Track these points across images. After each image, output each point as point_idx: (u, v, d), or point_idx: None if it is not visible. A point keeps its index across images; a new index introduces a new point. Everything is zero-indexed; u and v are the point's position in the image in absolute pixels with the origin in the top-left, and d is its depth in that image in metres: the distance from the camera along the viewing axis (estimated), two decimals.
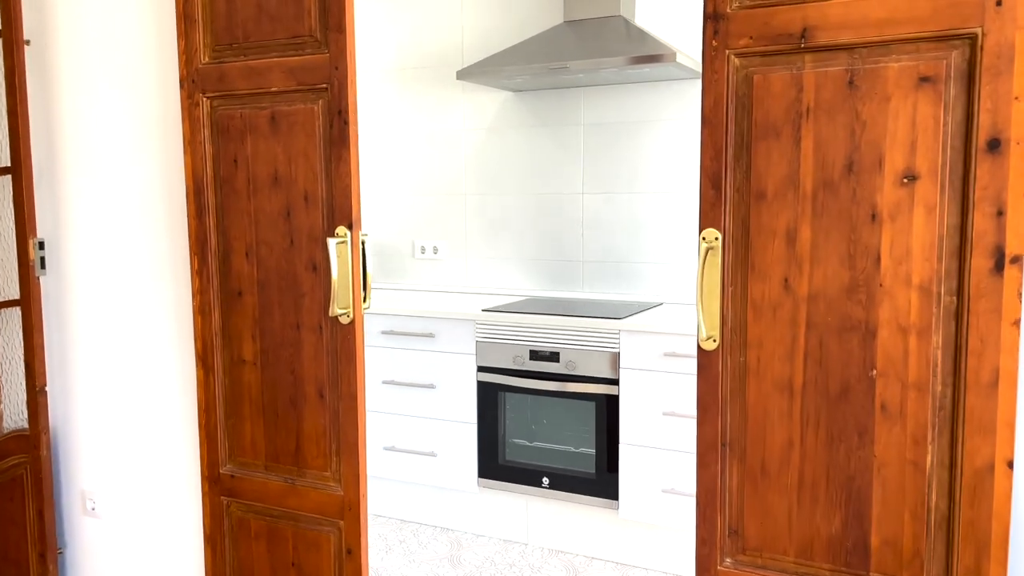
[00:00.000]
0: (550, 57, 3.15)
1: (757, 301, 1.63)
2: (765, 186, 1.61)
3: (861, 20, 1.50)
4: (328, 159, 2.04)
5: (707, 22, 1.63)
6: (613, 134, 3.51)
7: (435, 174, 3.89)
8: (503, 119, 3.72)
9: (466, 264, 3.87)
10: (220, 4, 2.14)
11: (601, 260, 3.57)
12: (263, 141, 2.13)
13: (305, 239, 2.11)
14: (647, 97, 3.43)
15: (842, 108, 1.53)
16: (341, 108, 2.00)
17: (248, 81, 2.12)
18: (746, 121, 1.62)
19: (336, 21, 1.98)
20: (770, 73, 1.58)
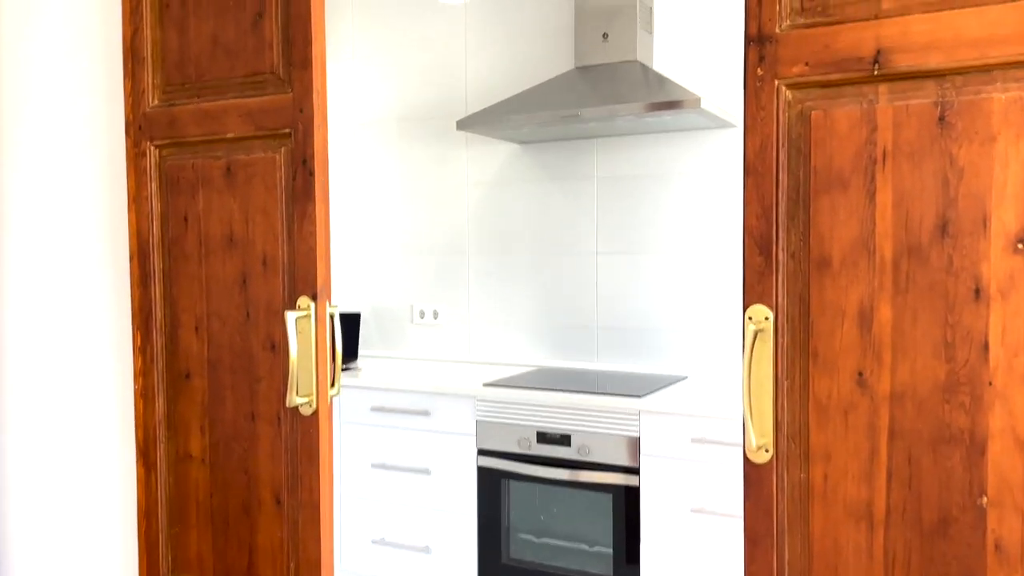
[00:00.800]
0: (560, 105, 2.85)
1: (822, 400, 1.26)
2: (829, 252, 1.25)
3: (953, 39, 1.15)
4: (291, 216, 1.71)
5: (750, 46, 1.29)
6: (630, 188, 3.18)
7: (435, 232, 3.57)
8: (509, 172, 3.41)
9: (468, 330, 3.52)
10: (172, 39, 1.84)
11: (617, 327, 3.21)
12: (217, 196, 1.81)
13: (263, 312, 1.77)
14: (667, 148, 3.11)
15: (930, 152, 1.18)
16: (306, 156, 1.67)
17: (201, 126, 1.81)
18: (803, 169, 1.27)
19: (301, 56, 1.67)
20: (833, 108, 1.24)
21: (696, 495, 2.52)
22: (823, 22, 1.24)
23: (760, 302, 1.28)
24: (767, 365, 1.28)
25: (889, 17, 1.19)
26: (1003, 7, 1.11)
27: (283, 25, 1.70)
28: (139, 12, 1.87)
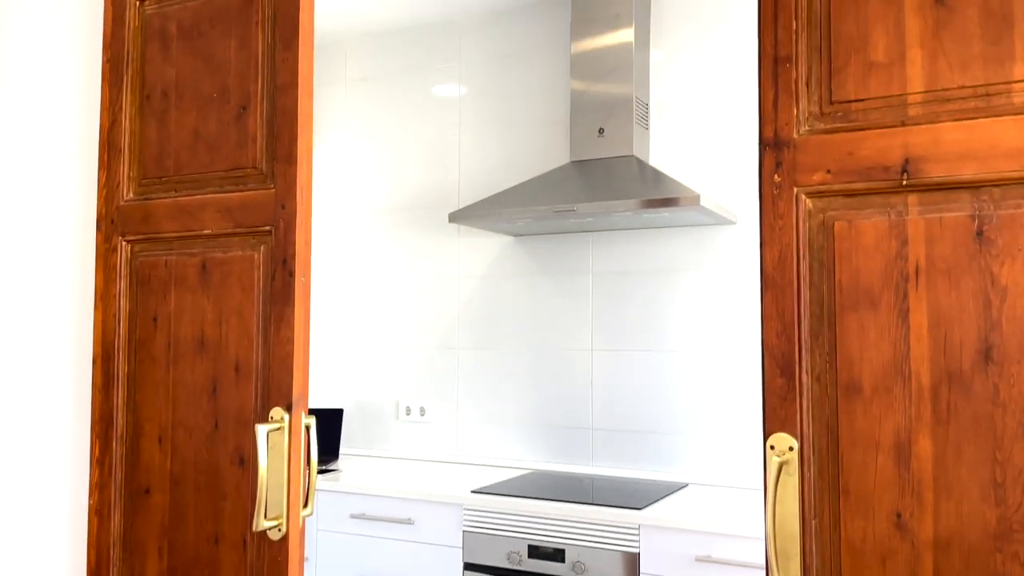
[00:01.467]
0: (555, 199, 2.77)
1: (856, 544, 1.11)
2: (859, 376, 1.13)
3: (989, 148, 1.07)
4: (267, 319, 1.59)
5: (765, 151, 1.20)
6: (627, 284, 3.08)
7: (424, 325, 3.45)
8: (502, 265, 3.32)
9: (457, 428, 3.35)
10: (151, 130, 1.75)
11: (614, 429, 3.05)
12: (190, 296, 1.68)
13: (232, 423, 1.62)
14: (666, 244, 3.04)
15: (969, 269, 1.08)
16: (287, 256, 1.56)
17: (177, 222, 1.70)
18: (826, 284, 1.16)
19: (286, 150, 1.58)
20: (859, 219, 1.14)
21: None
22: (845, 128, 1.15)
23: (783, 430, 1.15)
24: (792, 502, 1.14)
25: (918, 124, 1.10)
26: None
27: (268, 119, 1.61)
28: (119, 103, 1.79)
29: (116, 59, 1.79)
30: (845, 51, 1.16)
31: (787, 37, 1.18)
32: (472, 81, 3.43)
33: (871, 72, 1.14)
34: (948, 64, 1.09)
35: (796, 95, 1.18)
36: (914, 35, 1.11)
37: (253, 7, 1.64)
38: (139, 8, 1.77)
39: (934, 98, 1.10)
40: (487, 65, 3.40)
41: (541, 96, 3.30)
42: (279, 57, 1.59)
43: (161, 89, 1.74)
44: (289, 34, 1.58)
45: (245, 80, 1.64)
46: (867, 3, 1.14)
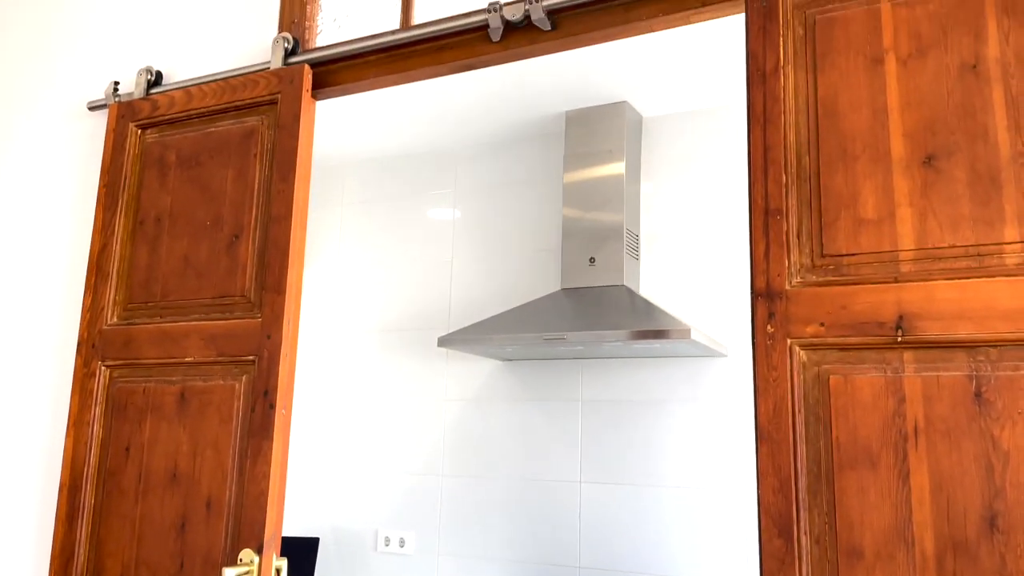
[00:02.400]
0: (545, 326, 2.76)
1: None
2: (860, 540, 1.07)
3: (983, 309, 1.06)
4: (244, 453, 1.53)
5: (757, 301, 1.19)
6: (617, 414, 3.03)
7: (408, 451, 3.36)
8: (490, 390, 3.27)
9: (437, 562, 3.20)
10: (141, 255, 1.75)
11: (602, 568, 2.92)
12: (166, 425, 1.63)
13: (199, 563, 1.53)
14: (657, 374, 3.01)
15: (968, 431, 1.05)
16: (268, 388, 1.52)
17: (160, 348, 1.66)
18: (823, 439, 1.12)
19: (276, 280, 1.56)
20: (854, 374, 1.12)
21: None
22: (838, 281, 1.15)
23: None
24: None
25: (910, 281, 1.10)
26: None
27: (260, 248, 1.61)
28: (111, 227, 1.79)
29: (113, 184, 1.80)
30: (835, 206, 1.17)
31: (777, 190, 1.20)
32: (466, 206, 3.49)
33: (862, 228, 1.15)
34: (938, 223, 1.10)
35: (787, 247, 1.18)
36: (903, 194, 1.13)
37: (253, 140, 1.66)
38: (140, 136, 1.80)
39: (926, 256, 1.11)
40: (481, 192, 3.47)
41: (533, 224, 3.35)
42: (275, 189, 1.60)
43: (155, 215, 1.75)
44: (286, 167, 1.60)
45: (240, 210, 1.64)
46: (856, 161, 1.16)
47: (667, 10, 1.39)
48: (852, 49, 1.19)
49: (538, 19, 1.47)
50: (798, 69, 1.22)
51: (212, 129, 1.72)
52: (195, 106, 1.73)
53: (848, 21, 1.20)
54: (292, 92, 1.62)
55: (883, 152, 1.15)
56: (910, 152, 1.13)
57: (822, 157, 1.19)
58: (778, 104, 1.21)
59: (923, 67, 1.14)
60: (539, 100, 3.07)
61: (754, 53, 1.24)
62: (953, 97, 1.12)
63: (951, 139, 1.11)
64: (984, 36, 1.12)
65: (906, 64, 1.16)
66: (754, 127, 1.23)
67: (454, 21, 1.55)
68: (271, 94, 1.65)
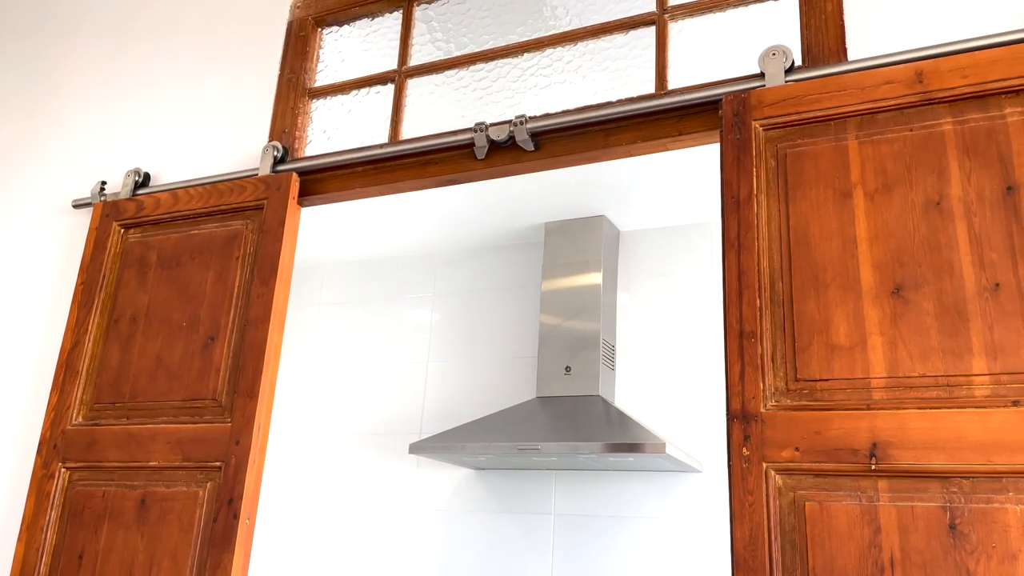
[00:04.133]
0: (519, 436, 2.73)
1: None
2: None
3: (954, 440, 1.07)
4: (203, 566, 1.47)
5: (733, 423, 1.20)
6: (591, 528, 2.96)
7: (376, 562, 3.24)
8: (460, 500, 3.19)
9: None
10: (113, 354, 1.72)
11: None
12: (123, 533, 1.57)
13: None
14: (632, 487, 2.96)
15: (944, 565, 1.04)
16: (233, 496, 1.47)
17: (123, 451, 1.62)
18: (800, 569, 1.10)
19: (249, 384, 1.55)
20: (830, 501, 1.11)
21: None
22: (812, 406, 1.16)
23: None
24: None
25: (883, 409, 1.11)
26: (1006, 412, 1.04)
27: (235, 350, 1.60)
28: (85, 325, 1.77)
29: (91, 282, 1.79)
30: (808, 331, 1.19)
31: (752, 314, 1.22)
32: (444, 310, 3.50)
33: (834, 354, 1.17)
34: (908, 353, 1.12)
35: (762, 370, 1.19)
36: (873, 323, 1.15)
37: (236, 243, 1.68)
38: (123, 235, 1.81)
39: (897, 384, 1.12)
40: (459, 297, 3.49)
41: (510, 330, 3.36)
42: (255, 292, 1.61)
43: (131, 314, 1.74)
44: (268, 271, 1.61)
45: (217, 311, 1.64)
46: (827, 288, 1.20)
47: (645, 137, 1.45)
48: (822, 182, 1.24)
49: (522, 140, 1.53)
50: (771, 198, 1.27)
51: (196, 231, 1.73)
52: (181, 208, 1.75)
53: (817, 156, 1.26)
54: (279, 198, 1.65)
55: (853, 281, 1.18)
56: (879, 282, 1.17)
57: (795, 283, 1.22)
58: (751, 231, 1.25)
59: (889, 202, 1.19)
60: (520, 210, 3.15)
61: (728, 181, 1.29)
62: (919, 231, 1.17)
63: (918, 271, 1.15)
64: (947, 175, 1.17)
65: (873, 198, 1.21)
66: (729, 252, 1.27)
67: (441, 138, 1.61)
68: (257, 199, 1.67)
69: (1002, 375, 1.07)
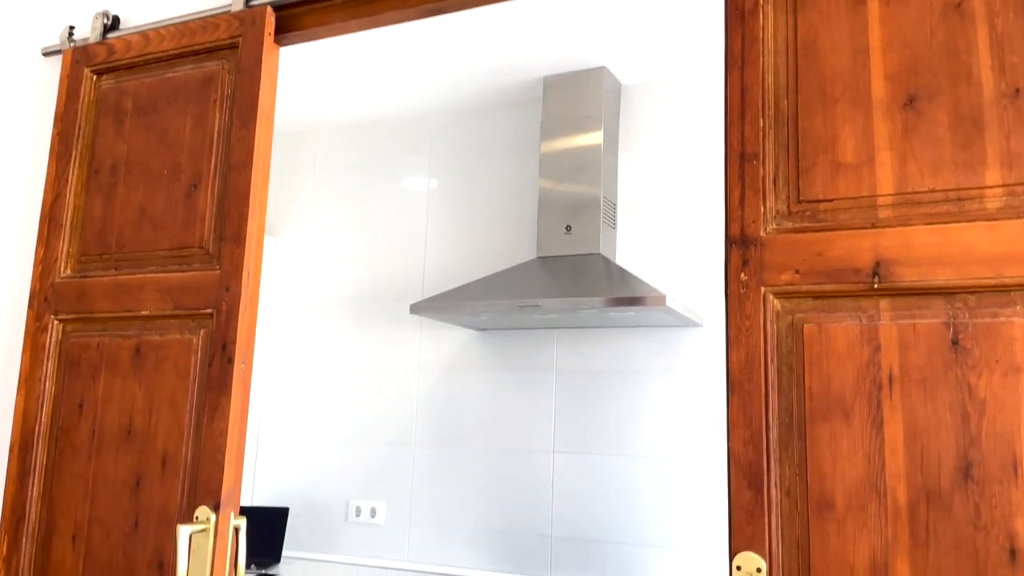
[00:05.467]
0: (520, 294, 2.72)
1: None
2: (832, 491, 1.04)
3: (962, 254, 1.03)
4: (200, 410, 1.48)
5: (731, 248, 1.15)
6: (592, 384, 3.00)
7: (380, 420, 3.31)
8: (463, 360, 3.23)
9: (409, 532, 3.17)
10: (96, 205, 1.68)
11: (575, 538, 2.90)
12: (120, 381, 1.57)
13: (154, 521, 1.48)
14: (633, 344, 2.98)
15: (944, 380, 1.02)
16: (227, 341, 1.46)
17: (114, 301, 1.60)
18: (796, 390, 1.09)
19: (235, 230, 1.50)
20: (829, 323, 1.08)
21: None
22: (814, 228, 1.11)
23: (751, 548, 1.06)
24: None
25: (889, 227, 1.06)
26: (1019, 224, 1.00)
27: (219, 197, 1.55)
28: (65, 177, 1.71)
29: (67, 133, 1.72)
30: (813, 150, 1.13)
31: (754, 134, 1.15)
32: (441, 174, 3.42)
33: (840, 172, 1.11)
34: (918, 167, 1.06)
35: (763, 193, 1.14)
36: (883, 138, 1.09)
37: (213, 85, 1.60)
38: (96, 82, 1.73)
39: (905, 201, 1.07)
40: (457, 159, 3.41)
41: (509, 193, 3.30)
42: (235, 136, 1.54)
43: (111, 164, 1.68)
44: (248, 113, 1.54)
45: (198, 158, 1.58)
46: (835, 104, 1.12)
47: None
48: None
49: None
50: (778, 9, 1.18)
51: (170, 75, 1.65)
52: (153, 50, 1.66)
53: None
54: (254, 35, 1.55)
55: (863, 94, 1.11)
56: (891, 94, 1.09)
57: (801, 100, 1.15)
58: (756, 45, 1.17)
59: (906, 6, 1.10)
60: (517, 64, 3.01)
61: None
62: (936, 37, 1.08)
63: (934, 80, 1.07)
64: None
65: (888, 3, 1.11)
66: (731, 69, 1.19)
67: None
68: (231, 37, 1.58)
69: (1016, 186, 1.02)
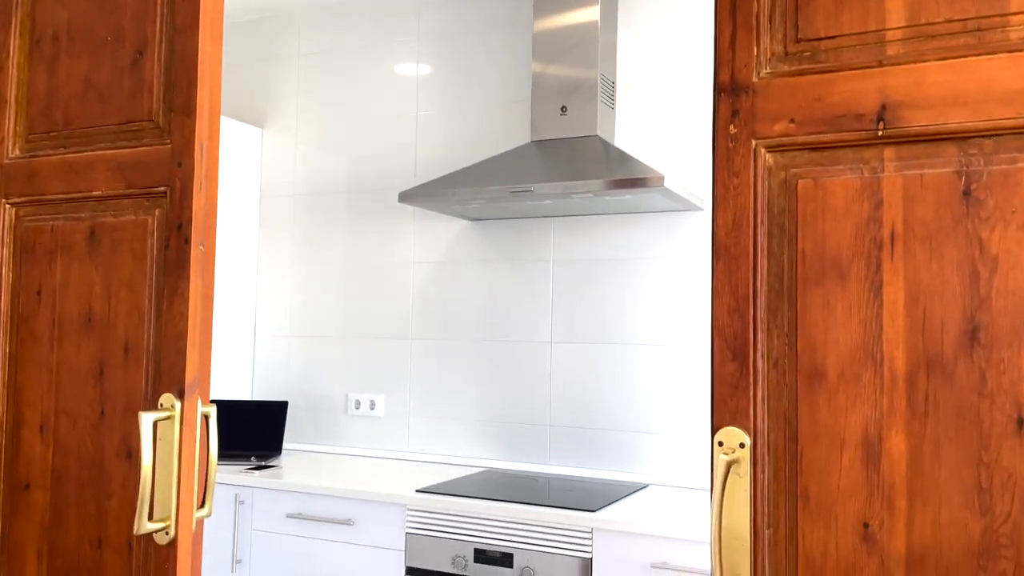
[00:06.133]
0: (512, 179, 2.59)
1: (815, 559, 0.95)
2: (823, 360, 0.96)
3: (980, 92, 0.90)
4: (160, 293, 1.40)
5: (720, 97, 1.03)
6: (589, 272, 2.91)
7: (375, 315, 3.26)
8: (458, 251, 3.13)
9: (408, 424, 3.17)
10: (40, 79, 1.55)
11: (572, 426, 2.88)
12: (77, 266, 1.49)
13: (120, 410, 1.42)
14: (630, 230, 2.87)
15: (953, 235, 0.91)
16: (182, 221, 1.37)
17: (65, 182, 1.50)
18: (787, 253, 0.99)
19: (184, 100, 1.38)
20: (826, 177, 0.97)
21: None
22: (813, 69, 0.98)
23: (734, 423, 0.98)
24: (743, 508, 0.97)
25: (897, 64, 0.93)
26: None
27: (166, 65, 1.42)
28: (6, 48, 1.58)
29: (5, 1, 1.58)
30: None
31: None
32: (430, 56, 3.24)
33: (843, 5, 0.97)
34: None
35: (757, 31, 1.00)
36: None
37: None
38: None
39: (917, 34, 0.94)
40: (446, 40, 3.22)
41: (502, 75, 3.12)
42: None
43: (52, 33, 1.54)
44: None
45: (142, 20, 1.44)
46: None
47: None
48: None
49: None
50: None
51: None
52: None
53: None
54: None
55: None
56: None
57: None
58: None
59: None
60: None
61: None
62: None
63: None
64: None
65: None
66: None
67: None
68: None
69: None
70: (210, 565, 2.76)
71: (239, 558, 2.72)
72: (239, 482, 2.73)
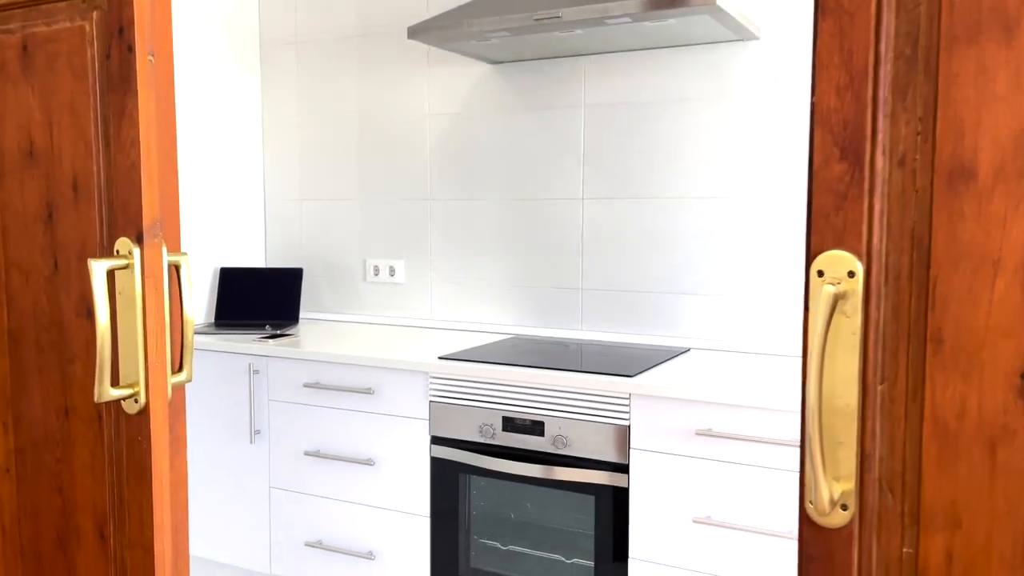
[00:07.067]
0: (535, 4, 2.25)
1: (950, 423, 0.71)
2: (973, 154, 0.68)
3: None
4: (106, 116, 1.14)
5: None
6: (625, 118, 2.60)
7: (394, 173, 2.99)
8: (478, 99, 2.82)
9: (430, 290, 2.96)
10: None
11: (606, 289, 2.65)
12: (12, 89, 1.23)
13: (74, 261, 1.20)
14: (674, 67, 2.52)
15: None
16: (123, 24, 1.09)
17: None
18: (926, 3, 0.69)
19: None
20: None
21: (699, 501, 1.98)
22: None
23: (840, 246, 0.72)
24: (850, 357, 0.72)
25: None
26: None
27: None
28: None
29: None
30: None
31: None
32: None
33: None
34: None
35: None
36: None
37: None
38: None
39: None
40: None
41: None
42: None
43: None
44: None
45: None
46: None
47: None
48: None
49: None
50: None
51: None
52: None
53: None
54: None
55: None
56: None
57: None
58: None
59: None
60: None
61: None
62: None
63: None
64: None
65: None
66: None
67: None
68: None
69: None
70: (228, 437, 2.65)
71: (257, 428, 2.60)
72: (253, 351, 2.57)
